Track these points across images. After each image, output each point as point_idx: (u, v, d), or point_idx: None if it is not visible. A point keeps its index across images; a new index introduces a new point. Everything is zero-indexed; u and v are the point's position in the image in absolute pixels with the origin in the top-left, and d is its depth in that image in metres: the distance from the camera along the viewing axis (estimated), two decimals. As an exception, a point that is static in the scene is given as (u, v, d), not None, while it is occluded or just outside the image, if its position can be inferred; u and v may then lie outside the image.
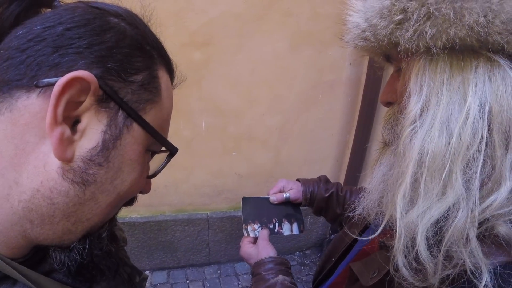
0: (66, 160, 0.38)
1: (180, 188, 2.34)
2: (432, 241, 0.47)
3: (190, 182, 2.34)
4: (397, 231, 0.49)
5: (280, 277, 0.88)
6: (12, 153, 0.37)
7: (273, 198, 1.07)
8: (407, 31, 0.47)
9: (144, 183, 0.50)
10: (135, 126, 0.43)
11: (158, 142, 0.47)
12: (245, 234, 1.02)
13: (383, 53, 0.57)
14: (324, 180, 1.11)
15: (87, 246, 0.45)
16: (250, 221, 1.04)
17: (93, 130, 0.39)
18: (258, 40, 2.07)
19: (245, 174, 2.43)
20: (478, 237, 0.45)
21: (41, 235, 0.40)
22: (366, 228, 0.81)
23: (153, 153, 0.51)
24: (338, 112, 2.46)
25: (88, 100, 0.38)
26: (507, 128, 0.44)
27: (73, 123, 0.39)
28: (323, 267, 0.94)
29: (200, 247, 2.52)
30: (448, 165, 0.46)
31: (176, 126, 2.12)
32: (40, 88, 0.37)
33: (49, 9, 0.45)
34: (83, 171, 0.39)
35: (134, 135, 0.43)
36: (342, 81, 2.36)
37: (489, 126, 0.45)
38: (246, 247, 0.99)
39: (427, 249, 0.47)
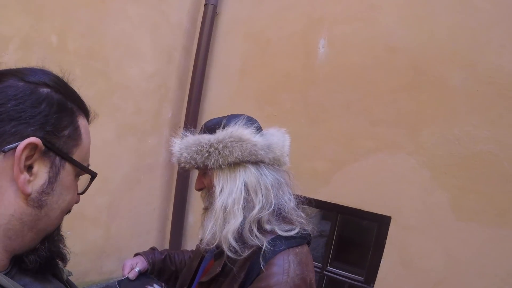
0: (28, 194, 0.53)
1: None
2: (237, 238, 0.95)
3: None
4: (225, 245, 0.94)
5: None
6: None
7: (131, 275, 1.31)
8: (211, 159, 0.96)
9: (76, 198, 0.66)
10: (67, 164, 0.59)
11: (83, 171, 0.64)
12: None
13: (196, 167, 1.03)
14: (156, 248, 1.50)
15: (46, 245, 0.60)
16: None
17: (41, 172, 0.55)
18: (90, 131, 2.36)
19: (79, 252, 2.42)
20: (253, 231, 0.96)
21: (17, 246, 0.54)
22: (202, 257, 1.21)
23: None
24: (157, 190, 2.89)
25: (37, 154, 0.53)
26: (251, 190, 0.98)
27: (28, 167, 0.53)
28: None
29: None
30: (233, 208, 0.96)
31: None
32: (5, 152, 0.50)
33: None
34: (39, 199, 0.55)
35: (68, 169, 0.59)
36: (160, 164, 2.84)
37: (246, 190, 0.97)
38: None
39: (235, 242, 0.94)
